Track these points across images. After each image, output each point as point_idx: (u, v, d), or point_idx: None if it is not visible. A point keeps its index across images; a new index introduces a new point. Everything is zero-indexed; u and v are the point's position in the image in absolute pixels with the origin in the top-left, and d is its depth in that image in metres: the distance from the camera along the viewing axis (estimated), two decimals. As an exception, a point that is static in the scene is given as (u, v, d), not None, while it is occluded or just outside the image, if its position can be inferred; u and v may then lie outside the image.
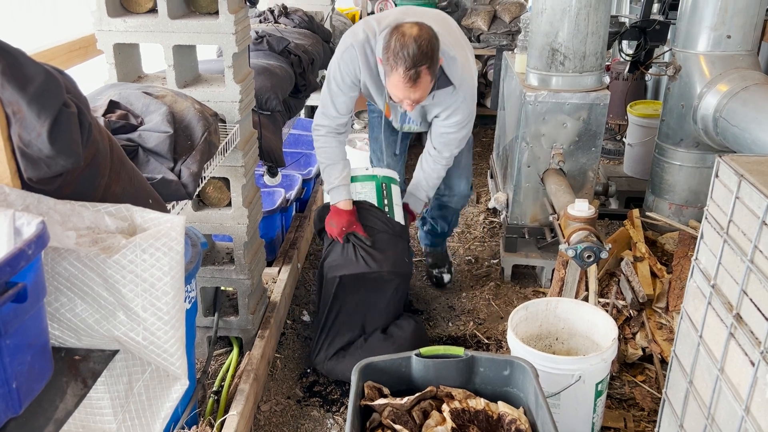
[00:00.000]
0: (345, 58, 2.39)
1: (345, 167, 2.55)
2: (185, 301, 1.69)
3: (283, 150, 2.99)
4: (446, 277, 3.20)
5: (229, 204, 2.35)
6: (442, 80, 2.34)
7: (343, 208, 2.48)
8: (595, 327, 2.24)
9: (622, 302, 2.75)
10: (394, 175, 2.72)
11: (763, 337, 1.22)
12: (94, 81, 2.23)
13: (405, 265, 2.56)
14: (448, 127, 2.51)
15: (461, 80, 2.37)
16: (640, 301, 2.65)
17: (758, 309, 1.23)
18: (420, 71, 2.10)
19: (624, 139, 4.34)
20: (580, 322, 2.28)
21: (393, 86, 2.19)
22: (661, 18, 3.62)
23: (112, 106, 1.76)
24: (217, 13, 2.09)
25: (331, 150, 2.54)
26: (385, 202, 2.61)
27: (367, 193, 2.60)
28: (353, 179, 2.61)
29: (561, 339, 2.33)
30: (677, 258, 2.77)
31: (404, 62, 2.08)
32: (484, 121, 5.26)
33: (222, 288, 2.51)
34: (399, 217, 2.64)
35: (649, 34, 3.54)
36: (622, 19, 3.88)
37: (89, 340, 1.09)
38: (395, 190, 2.69)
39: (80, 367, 1.09)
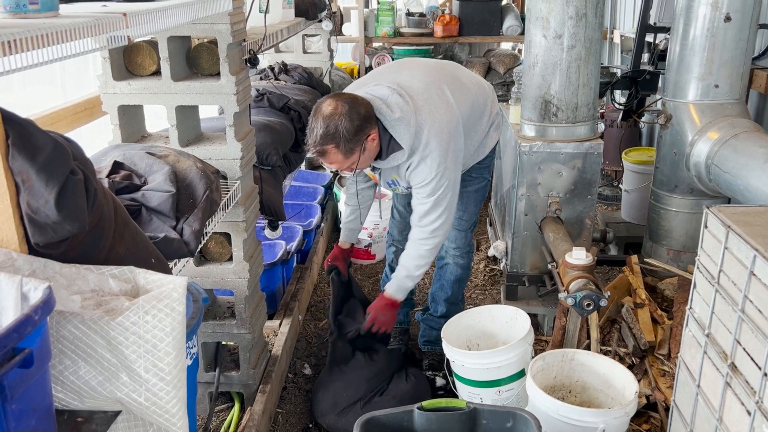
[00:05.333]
0: None
1: (353, 212, 2.83)
2: (187, 358, 1.70)
3: (284, 202, 3.04)
4: (439, 381, 2.81)
5: (231, 258, 2.38)
6: (393, 143, 2.31)
7: (338, 245, 2.87)
8: (610, 380, 2.20)
9: (623, 350, 2.74)
10: None
11: (757, 386, 1.23)
12: (99, 141, 2.30)
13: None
14: (417, 192, 2.40)
15: (412, 144, 2.30)
16: (642, 348, 2.65)
17: (752, 359, 1.24)
18: (325, 149, 2.20)
19: (620, 185, 4.40)
20: (595, 375, 2.25)
21: None
22: (650, 68, 3.72)
23: (117, 166, 1.81)
24: (218, 74, 2.17)
25: (350, 198, 2.84)
26: None
27: None
28: None
29: (574, 392, 2.31)
30: (677, 304, 2.78)
31: (310, 140, 2.20)
32: (482, 170, 5.33)
33: (223, 343, 2.52)
34: None
35: (639, 84, 3.63)
36: (613, 70, 3.98)
37: (92, 401, 1.11)
38: None
39: (82, 430, 1.10)
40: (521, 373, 2.37)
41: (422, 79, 2.42)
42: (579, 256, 2.42)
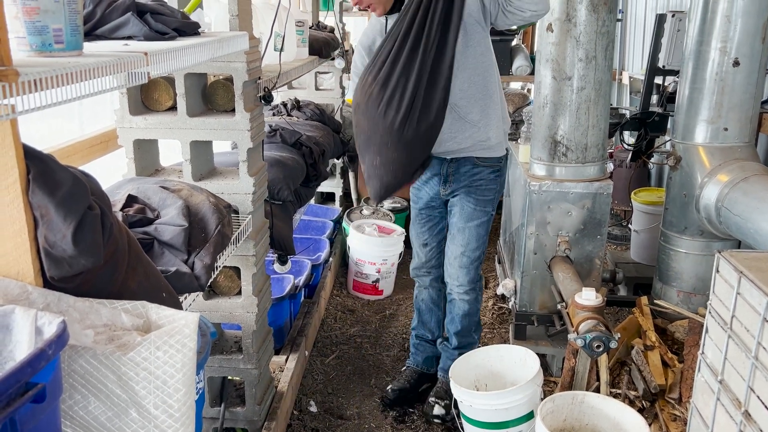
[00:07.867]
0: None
1: None
2: (194, 393, 1.70)
3: (294, 236, 3.05)
4: (437, 410, 2.80)
5: (239, 292, 2.38)
6: None
7: None
8: (621, 424, 2.16)
9: (633, 393, 2.71)
10: None
11: (773, 436, 1.21)
12: (113, 173, 2.33)
13: None
14: None
15: None
16: (653, 391, 2.61)
17: (765, 407, 1.23)
18: None
19: (629, 225, 4.39)
20: (605, 418, 2.21)
21: None
22: (659, 110, 3.75)
23: (130, 200, 1.83)
24: (233, 110, 2.20)
25: None
26: None
27: None
28: None
29: None
30: (688, 347, 2.74)
31: None
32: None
33: (229, 378, 2.50)
34: None
35: (648, 125, 3.65)
36: (623, 111, 4.02)
37: (100, 437, 1.11)
38: None
39: (89, 466, 1.09)
40: (530, 415, 2.34)
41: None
42: (589, 297, 2.41)
